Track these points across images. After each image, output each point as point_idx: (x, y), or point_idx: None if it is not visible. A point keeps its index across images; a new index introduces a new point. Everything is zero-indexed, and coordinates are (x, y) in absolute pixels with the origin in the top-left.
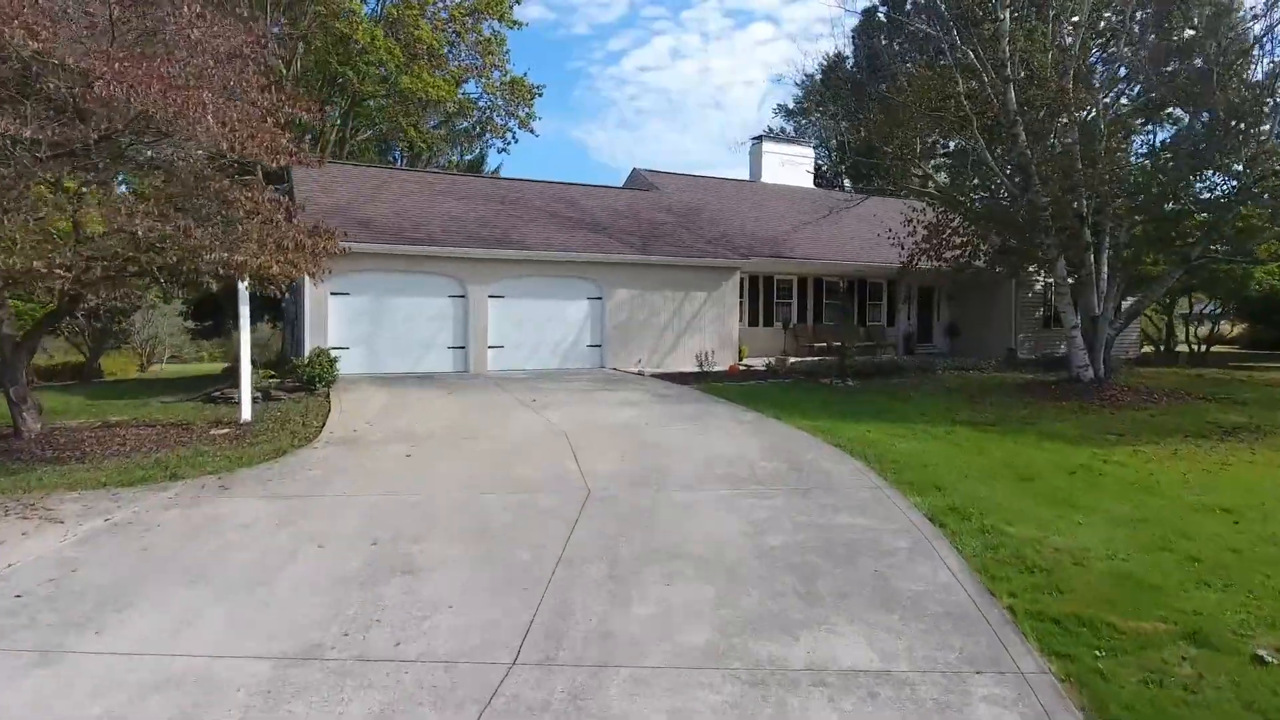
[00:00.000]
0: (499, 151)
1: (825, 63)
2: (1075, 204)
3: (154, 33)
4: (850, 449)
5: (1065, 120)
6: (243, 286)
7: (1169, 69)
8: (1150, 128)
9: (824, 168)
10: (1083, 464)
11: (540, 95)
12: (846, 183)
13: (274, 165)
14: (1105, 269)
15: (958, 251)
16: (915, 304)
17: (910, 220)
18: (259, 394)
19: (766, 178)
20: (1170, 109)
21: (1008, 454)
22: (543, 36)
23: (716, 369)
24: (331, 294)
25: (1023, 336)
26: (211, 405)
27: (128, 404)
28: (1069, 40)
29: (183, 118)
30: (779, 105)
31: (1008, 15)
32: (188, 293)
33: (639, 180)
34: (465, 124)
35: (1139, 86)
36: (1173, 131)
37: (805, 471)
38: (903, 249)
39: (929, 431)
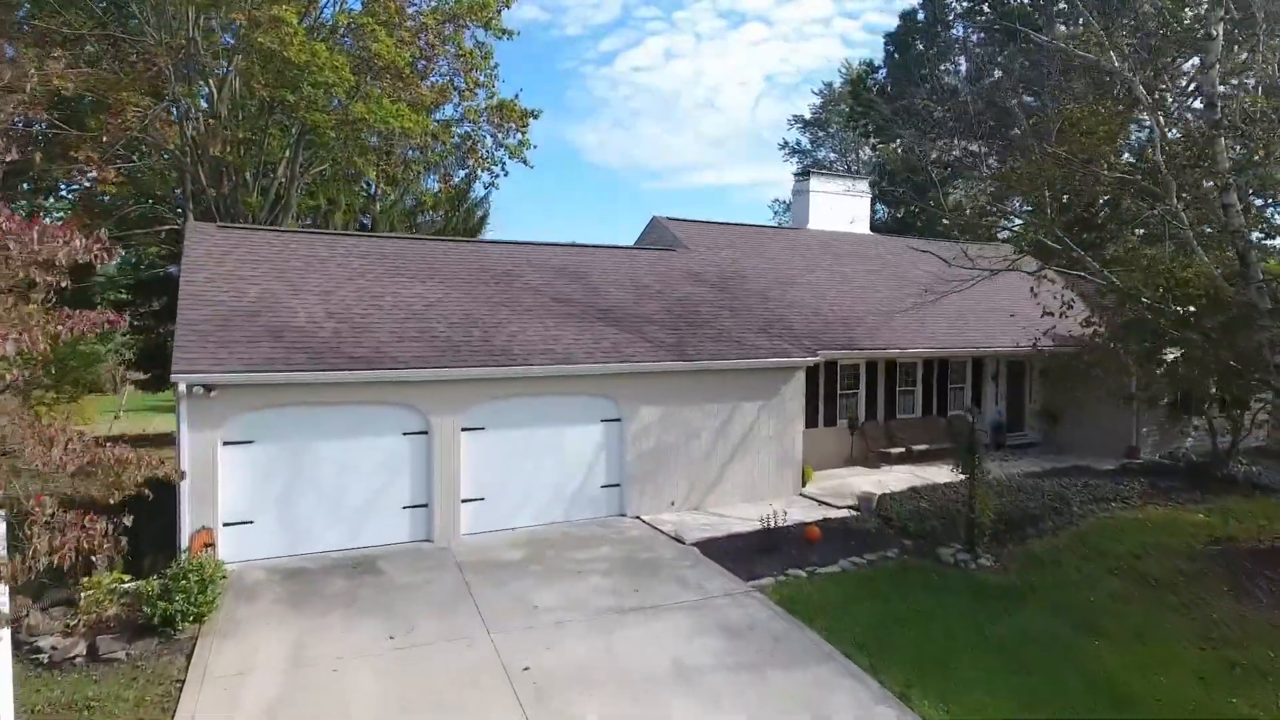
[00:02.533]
0: (485, 187)
1: (847, 73)
2: None
3: None
4: None
5: None
6: None
7: None
8: None
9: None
10: None
11: (536, 118)
12: (879, 208)
13: None
14: None
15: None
16: (1004, 384)
17: (1052, 312)
18: (81, 652)
19: (815, 222)
20: None
21: None
22: (536, 37)
23: (786, 522)
24: (225, 444)
25: (1145, 430)
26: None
27: None
28: None
29: None
30: (795, 116)
31: (1220, 31)
32: None
33: (661, 234)
34: (440, 147)
35: None
36: None
37: None
38: (1035, 344)
39: None
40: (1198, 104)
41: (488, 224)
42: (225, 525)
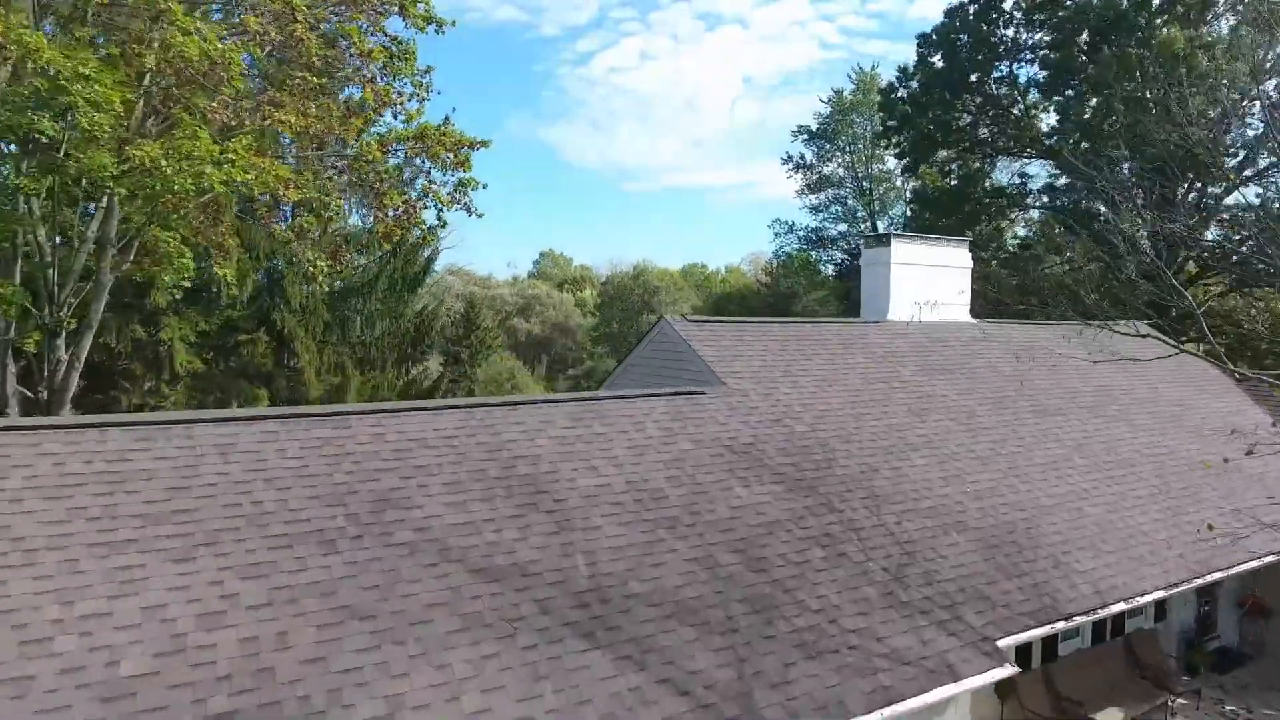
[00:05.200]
0: (417, 242)
1: (859, 79)
2: None
3: None
4: None
5: None
6: None
7: None
8: None
9: (858, 213)
10: None
11: (484, 148)
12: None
13: None
14: None
15: None
16: None
17: None
18: None
19: (898, 308)
20: None
21: None
22: (514, 37)
23: None
24: None
25: None
26: None
27: None
28: None
29: None
30: (800, 127)
31: None
32: None
33: (674, 351)
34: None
35: None
36: None
37: None
38: None
39: None
40: None
41: (435, 268)
42: None
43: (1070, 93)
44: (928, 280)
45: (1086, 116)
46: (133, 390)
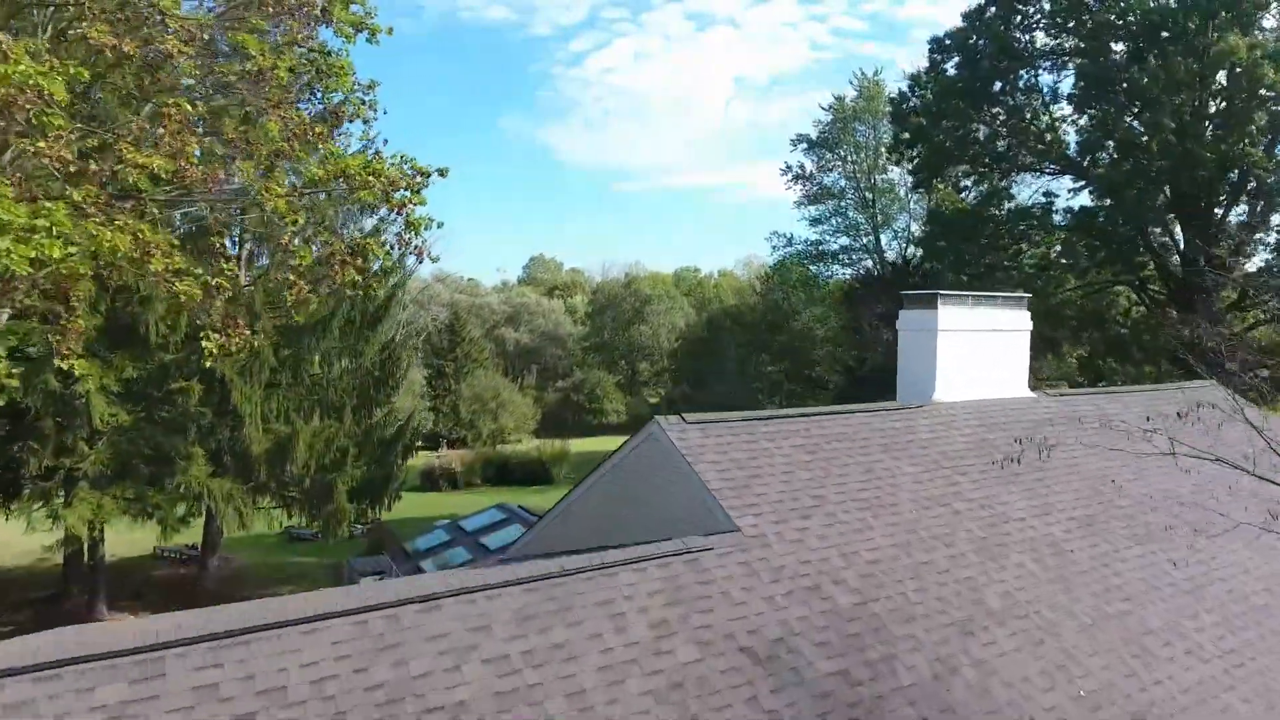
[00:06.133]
0: (367, 284)
1: (862, 85)
2: None
3: None
4: None
5: None
6: None
7: None
8: None
9: (860, 226)
10: None
11: (442, 176)
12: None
13: None
14: None
15: None
16: None
17: None
18: None
19: (946, 386)
20: None
21: None
22: (507, 37)
23: None
24: None
25: None
26: None
27: None
28: None
29: None
30: (799, 135)
31: None
32: None
33: (669, 460)
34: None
35: None
36: None
37: None
38: None
39: None
40: None
41: (400, 301)
42: None
43: (1106, 105)
44: (981, 349)
45: (1124, 133)
46: (42, 451)
